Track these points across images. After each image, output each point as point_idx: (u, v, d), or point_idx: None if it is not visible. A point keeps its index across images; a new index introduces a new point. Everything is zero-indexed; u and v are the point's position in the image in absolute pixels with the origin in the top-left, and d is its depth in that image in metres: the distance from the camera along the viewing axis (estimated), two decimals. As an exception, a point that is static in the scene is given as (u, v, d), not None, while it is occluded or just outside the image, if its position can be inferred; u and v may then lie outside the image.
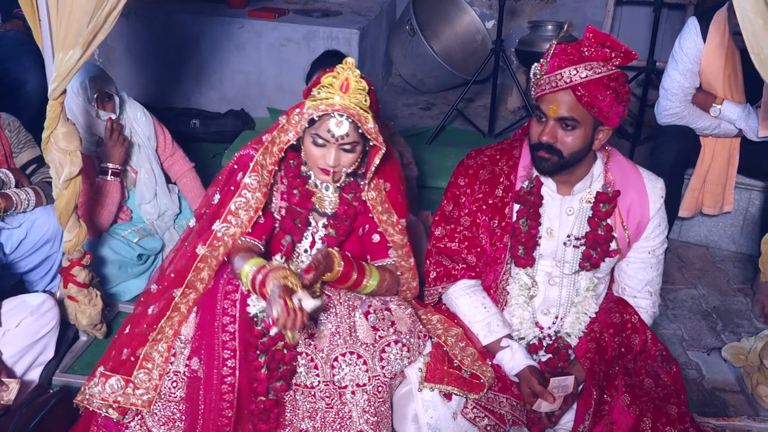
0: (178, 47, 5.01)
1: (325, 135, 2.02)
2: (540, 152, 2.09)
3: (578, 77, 1.99)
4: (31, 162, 2.89)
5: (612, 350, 2.17)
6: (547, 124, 2.07)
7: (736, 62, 3.19)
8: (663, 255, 2.30)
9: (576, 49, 2.03)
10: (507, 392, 2.15)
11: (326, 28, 4.92)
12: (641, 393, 2.13)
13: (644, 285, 2.28)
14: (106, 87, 3.02)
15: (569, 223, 2.20)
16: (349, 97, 1.98)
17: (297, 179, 2.20)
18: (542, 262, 2.23)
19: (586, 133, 2.06)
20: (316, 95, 2.00)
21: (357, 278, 2.14)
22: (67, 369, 2.64)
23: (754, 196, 3.54)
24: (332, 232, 2.21)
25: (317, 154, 2.06)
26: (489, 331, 2.19)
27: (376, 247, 2.26)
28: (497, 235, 2.22)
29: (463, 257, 2.25)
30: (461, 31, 5.87)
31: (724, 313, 3.24)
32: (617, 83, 2.01)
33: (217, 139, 4.70)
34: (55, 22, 2.23)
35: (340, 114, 1.98)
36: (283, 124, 2.10)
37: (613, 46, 2.01)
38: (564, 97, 2.02)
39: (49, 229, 2.73)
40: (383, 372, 2.07)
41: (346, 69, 2.00)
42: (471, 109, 5.42)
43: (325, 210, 2.21)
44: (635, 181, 2.20)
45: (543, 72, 2.06)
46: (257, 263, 1.97)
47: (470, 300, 2.24)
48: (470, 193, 2.26)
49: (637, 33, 5.52)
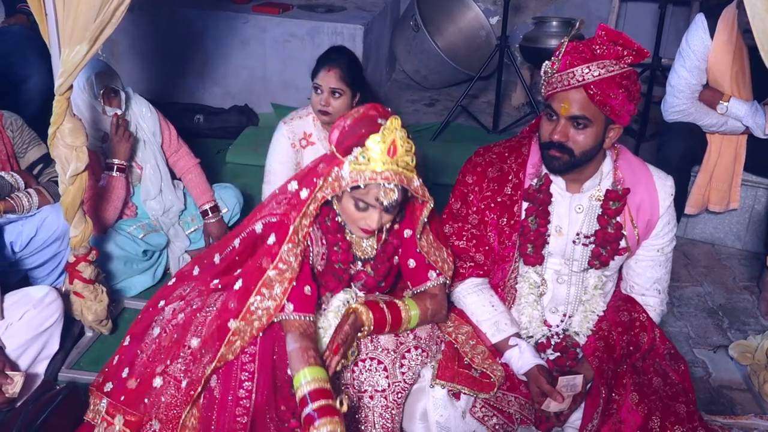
0: (182, 42, 5.00)
1: (371, 202, 1.92)
2: (551, 151, 2.08)
3: (591, 75, 1.98)
4: (37, 162, 2.88)
5: (620, 349, 2.16)
6: (558, 122, 2.05)
7: (743, 59, 3.18)
8: (671, 253, 2.29)
9: (588, 47, 2.01)
10: (515, 391, 2.14)
11: (330, 24, 4.91)
12: (650, 391, 2.12)
13: (653, 283, 2.27)
14: (113, 83, 3.01)
15: (578, 221, 2.19)
16: (397, 161, 1.87)
17: (337, 234, 2.08)
18: (551, 260, 2.22)
19: (597, 132, 2.05)
20: (360, 159, 1.86)
21: (393, 321, 2.03)
22: (73, 365, 2.64)
23: (760, 194, 3.53)
24: (371, 272, 2.13)
25: (358, 216, 1.96)
26: (497, 330, 2.18)
27: (414, 272, 2.15)
28: (506, 233, 2.21)
29: (471, 255, 2.24)
30: (465, 27, 5.85)
31: (731, 310, 3.23)
32: (629, 81, 2.00)
33: (221, 135, 4.69)
34: (62, 17, 2.22)
35: (388, 182, 1.87)
36: (321, 185, 1.94)
37: (625, 44, 1.99)
38: (576, 96, 2.01)
39: (59, 227, 2.73)
40: (404, 378, 2.06)
41: (392, 131, 1.86)
42: (475, 105, 5.41)
43: (368, 256, 2.13)
44: (645, 179, 2.19)
45: (554, 70, 2.04)
46: (314, 378, 1.82)
47: (478, 298, 2.23)
48: (478, 191, 2.24)
49: (642, 29, 5.49)
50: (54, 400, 2.15)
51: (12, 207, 2.72)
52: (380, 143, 1.84)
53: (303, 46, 4.90)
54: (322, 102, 2.89)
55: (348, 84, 2.90)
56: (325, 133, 3.03)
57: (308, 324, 1.98)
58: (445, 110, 5.22)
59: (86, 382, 2.47)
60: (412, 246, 2.13)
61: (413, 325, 2.09)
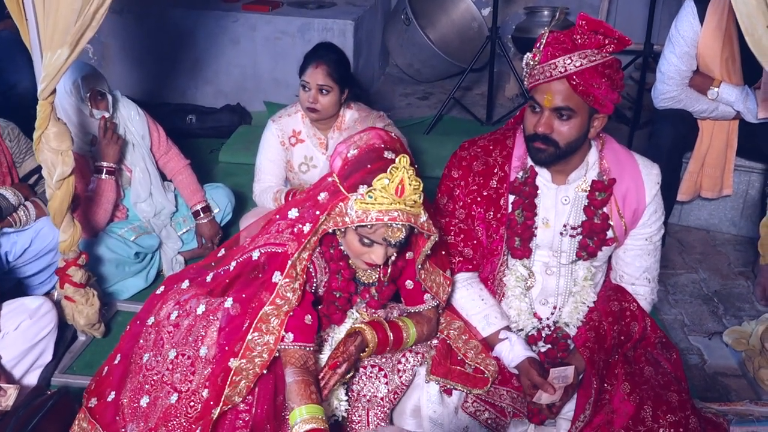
0: (172, 43, 4.99)
1: (378, 240, 1.89)
2: (536, 143, 2.07)
3: (573, 66, 1.96)
4: (34, 171, 2.88)
5: (611, 339, 2.15)
6: (542, 114, 2.04)
7: (733, 45, 3.16)
8: (660, 241, 2.27)
9: (569, 37, 2.00)
10: (507, 385, 2.13)
11: (321, 20, 4.89)
12: (641, 381, 2.12)
13: (642, 272, 2.26)
14: (99, 85, 3.00)
15: (565, 212, 2.18)
16: (405, 200, 1.83)
17: (339, 262, 2.04)
18: (539, 253, 2.21)
19: (582, 122, 2.03)
20: (367, 199, 1.82)
21: (394, 341, 2.03)
22: (65, 370, 2.63)
23: (753, 179, 3.51)
24: (375, 295, 2.12)
25: (363, 251, 1.93)
26: (487, 323, 2.18)
27: (411, 293, 2.15)
28: (493, 227, 2.20)
29: (460, 250, 2.24)
30: (457, 19, 5.83)
31: (725, 297, 3.22)
32: (612, 70, 1.98)
33: (214, 135, 4.69)
34: (42, 22, 2.21)
35: (395, 222, 1.84)
36: (324, 220, 1.90)
37: (606, 32, 1.98)
38: (559, 87, 1.99)
39: (54, 238, 2.71)
40: (401, 381, 2.07)
41: (400, 170, 1.81)
42: (468, 97, 5.39)
43: (372, 281, 2.12)
44: (631, 168, 2.18)
45: (536, 62, 2.02)
46: (312, 416, 1.79)
47: (467, 293, 2.22)
48: (464, 185, 2.23)
49: (634, 16, 5.47)
50: (45, 405, 2.14)
51: (10, 223, 2.74)
52: (388, 182, 1.80)
53: (294, 43, 4.89)
54: (310, 99, 2.89)
55: (336, 80, 2.89)
56: (314, 130, 3.03)
57: (308, 354, 1.91)
58: (438, 103, 5.21)
59: (79, 386, 2.47)
60: (412, 267, 2.10)
61: (410, 345, 2.09)
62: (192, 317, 2.01)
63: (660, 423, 2.04)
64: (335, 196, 1.90)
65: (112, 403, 2.08)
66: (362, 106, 3.19)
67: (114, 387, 2.11)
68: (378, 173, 1.82)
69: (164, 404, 1.94)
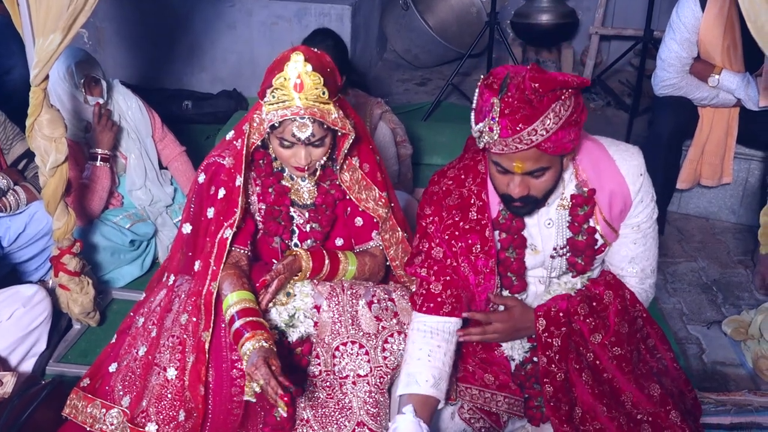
0: (168, 28, 4.94)
1: (290, 138, 1.95)
2: (514, 203, 1.92)
3: (540, 136, 1.76)
4: (22, 156, 2.85)
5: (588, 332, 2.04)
6: (513, 177, 1.87)
7: (735, 32, 3.13)
8: (652, 230, 2.09)
9: (524, 101, 1.74)
10: (505, 390, 2.07)
11: (317, 5, 4.84)
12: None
13: (628, 262, 2.09)
14: (93, 71, 2.97)
15: (551, 235, 2.04)
16: (306, 95, 1.87)
17: (270, 177, 2.14)
18: (532, 272, 2.10)
19: (556, 170, 1.89)
20: (271, 99, 1.89)
21: (330, 269, 2.12)
22: (60, 358, 2.62)
23: (753, 167, 3.49)
24: (316, 226, 2.18)
25: (287, 154, 2.00)
26: (407, 383, 1.93)
27: (360, 231, 2.22)
28: (482, 260, 2.03)
29: (426, 286, 2.04)
30: (455, 4, 5.77)
31: (725, 285, 3.20)
32: (577, 111, 1.79)
33: (210, 120, 4.65)
34: (34, 6, 2.18)
35: (300, 117, 1.89)
36: (248, 132, 2.02)
37: (562, 84, 1.75)
38: (528, 154, 1.80)
39: (48, 222, 2.70)
40: (385, 363, 2.04)
41: (293, 63, 1.87)
42: (467, 83, 5.34)
43: (305, 201, 2.16)
44: (609, 170, 2.00)
45: (495, 135, 1.78)
46: (241, 299, 1.95)
47: (420, 341, 1.99)
48: (438, 221, 2.05)
49: (634, 1, 5.42)
50: (39, 394, 2.13)
51: (0, 208, 2.71)
52: (285, 79, 1.87)
53: (290, 28, 4.84)
54: (307, 85, 2.85)
55: (333, 66, 2.86)
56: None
57: (241, 255, 2.08)
58: (436, 89, 5.17)
59: (74, 375, 2.46)
60: (356, 206, 2.19)
61: (348, 278, 2.17)
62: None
63: (639, 410, 1.99)
64: (254, 108, 2.03)
65: (109, 375, 2.15)
66: (360, 93, 3.15)
67: (112, 360, 2.15)
68: (277, 73, 1.89)
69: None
